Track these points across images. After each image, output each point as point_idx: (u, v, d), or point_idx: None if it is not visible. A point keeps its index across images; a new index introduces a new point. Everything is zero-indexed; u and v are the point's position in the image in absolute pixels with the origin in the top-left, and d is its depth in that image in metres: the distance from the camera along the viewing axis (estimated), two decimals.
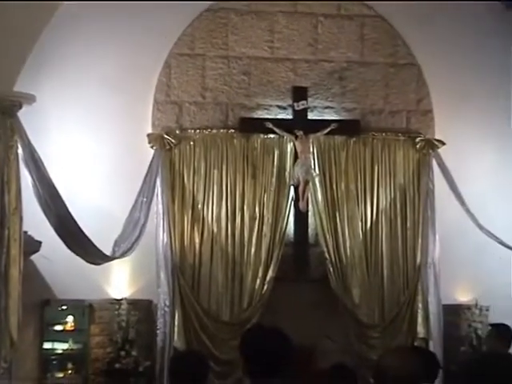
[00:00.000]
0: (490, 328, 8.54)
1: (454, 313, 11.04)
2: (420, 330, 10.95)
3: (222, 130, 11.31)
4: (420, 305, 11.02)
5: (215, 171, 11.17)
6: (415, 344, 10.62)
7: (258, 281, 10.96)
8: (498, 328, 8.21)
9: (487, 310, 10.89)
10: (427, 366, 5.97)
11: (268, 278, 10.94)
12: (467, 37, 11.61)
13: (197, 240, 11.03)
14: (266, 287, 10.92)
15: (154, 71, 11.25)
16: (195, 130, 11.26)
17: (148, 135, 11.07)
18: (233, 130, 11.30)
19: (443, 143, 11.31)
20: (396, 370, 3.94)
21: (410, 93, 11.64)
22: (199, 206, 11.09)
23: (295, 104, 11.37)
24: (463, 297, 11.19)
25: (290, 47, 11.52)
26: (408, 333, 11.01)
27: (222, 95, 11.45)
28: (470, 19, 11.51)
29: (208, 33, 11.44)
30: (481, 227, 10.93)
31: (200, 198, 11.10)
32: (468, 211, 11.03)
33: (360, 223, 11.25)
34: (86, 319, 10.51)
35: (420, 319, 10.98)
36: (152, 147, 11.03)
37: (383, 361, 4.10)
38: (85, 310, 10.50)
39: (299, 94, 11.41)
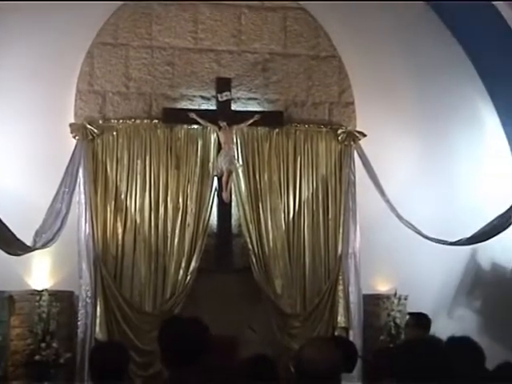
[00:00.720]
0: (408, 317, 8.72)
1: (373, 302, 11.20)
2: (340, 319, 11.09)
3: (145, 121, 11.26)
4: (341, 294, 11.15)
5: (138, 161, 11.12)
6: (336, 333, 10.76)
7: (181, 271, 10.95)
8: (416, 317, 8.39)
9: (406, 299, 11.09)
10: (346, 356, 6.09)
11: (191, 268, 10.94)
12: (388, 29, 11.81)
13: (119, 230, 10.97)
14: (188, 278, 10.92)
15: (77, 61, 11.13)
16: (118, 120, 11.19)
17: (70, 125, 10.95)
18: (156, 121, 11.26)
19: (364, 135, 11.46)
20: (315, 360, 4.03)
21: (332, 85, 11.76)
22: (122, 196, 11.02)
23: (219, 95, 11.39)
24: (383, 287, 11.38)
25: (213, 38, 11.53)
26: (329, 322, 11.13)
27: (145, 85, 11.39)
28: (390, 12, 11.72)
29: (131, 22, 11.37)
30: (400, 218, 11.13)
31: (123, 188, 11.04)
32: (388, 202, 11.21)
33: (283, 214, 11.33)
34: (6, 311, 10.33)
35: (341, 309, 11.12)
36: (74, 137, 10.92)
37: (303, 351, 4.18)
38: (4, 301, 10.33)
39: (223, 84, 11.44)
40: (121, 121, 11.18)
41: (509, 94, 11.67)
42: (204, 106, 11.42)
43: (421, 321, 8.11)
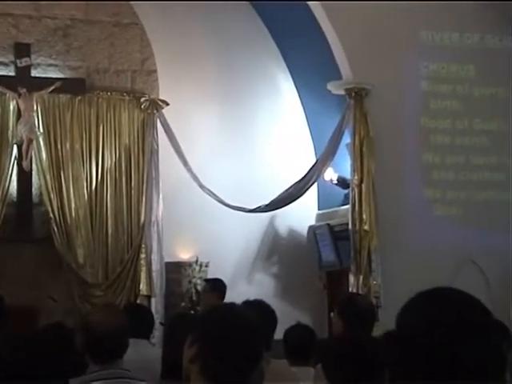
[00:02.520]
0: (205, 283, 8.92)
1: (175, 270, 11.35)
2: (143, 287, 11.15)
3: None
4: (143, 263, 11.21)
5: None
6: (138, 301, 10.80)
7: None
8: (212, 282, 8.59)
9: (207, 266, 11.30)
10: (141, 321, 6.19)
11: None
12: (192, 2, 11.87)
13: None
14: None
15: None
16: None
17: None
18: None
19: (167, 103, 11.51)
20: (101, 324, 4.14)
21: (135, 52, 11.71)
22: None
23: (18, 61, 11.10)
24: (185, 254, 11.54)
25: (11, 2, 11.17)
26: (131, 290, 11.16)
27: None
28: None
29: None
30: (202, 187, 11.29)
31: None
32: (190, 171, 11.34)
33: (85, 183, 11.24)
34: None
35: (143, 277, 11.17)
36: None
37: (89, 317, 4.29)
38: None
39: (22, 50, 11.16)
40: None
41: (305, 66, 12.06)
42: (2, 72, 11.10)
43: (216, 286, 8.31)
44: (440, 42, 11.41)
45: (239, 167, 11.98)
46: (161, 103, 11.53)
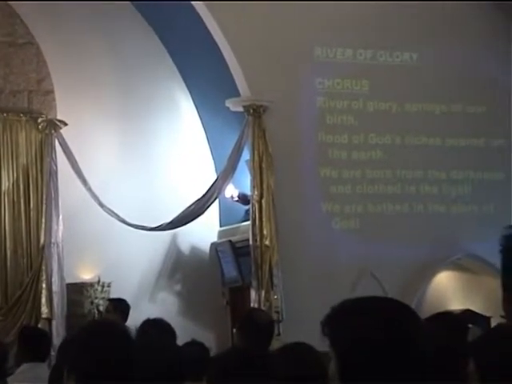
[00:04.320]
0: (108, 303, 8.87)
1: (77, 290, 11.19)
2: (44, 309, 10.95)
3: None
4: (43, 285, 11.02)
5: None
6: (39, 325, 10.61)
7: None
8: (115, 302, 8.56)
9: (109, 286, 11.18)
10: (38, 345, 6.13)
11: None
12: (89, 20, 11.82)
13: None
14: None
15: None
16: None
17: None
18: None
19: (65, 123, 11.39)
20: None
21: (31, 72, 11.56)
22: None
23: None
24: (87, 275, 11.40)
25: None
26: (32, 313, 10.95)
27: None
28: (92, 5, 11.73)
29: None
30: (102, 205, 11.21)
31: None
32: (90, 190, 11.24)
33: None
34: None
35: (43, 299, 10.98)
36: None
37: None
38: None
39: None
40: None
41: (203, 84, 12.14)
42: None
43: (119, 306, 8.28)
44: (334, 58, 11.64)
45: (141, 186, 11.94)
46: (59, 123, 11.40)
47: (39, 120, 11.39)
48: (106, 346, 2.78)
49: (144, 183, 12.01)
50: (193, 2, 11.14)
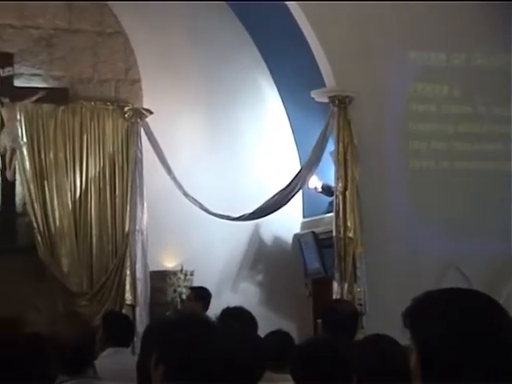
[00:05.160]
0: (190, 291, 8.91)
1: (160, 278, 11.29)
2: (128, 296, 11.09)
3: None
4: (128, 272, 11.16)
5: None
6: (123, 311, 10.75)
7: None
8: (197, 291, 8.60)
9: (192, 274, 11.26)
10: (121, 330, 6.19)
11: None
12: (175, 9, 11.86)
13: None
14: None
15: None
16: None
17: None
18: None
19: (151, 112, 11.49)
20: (64, 334, 4.13)
21: (119, 62, 11.70)
22: None
23: (0, 70, 11.06)
24: (170, 263, 11.50)
25: None
26: (116, 299, 11.11)
27: None
28: None
29: None
30: (186, 194, 11.28)
31: None
32: (174, 179, 11.33)
33: (69, 192, 11.19)
34: None
35: (128, 286, 11.12)
36: None
37: (53, 327, 4.29)
38: None
39: (5, 60, 11.12)
40: None
41: (288, 75, 12.08)
42: None
43: (201, 295, 8.31)
44: (427, 60, 11.38)
45: (224, 176, 11.98)
46: (145, 112, 11.51)
47: (126, 109, 11.51)
48: (194, 338, 2.77)
49: (227, 173, 12.04)
50: None
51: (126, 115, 11.49)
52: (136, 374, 5.12)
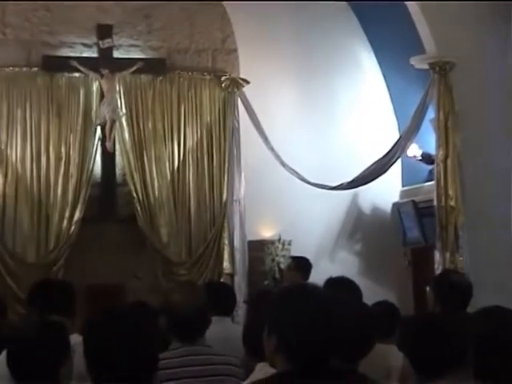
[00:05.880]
0: (290, 260, 8.88)
1: (258, 248, 11.31)
2: (226, 265, 11.17)
3: (24, 69, 11.00)
4: (226, 241, 11.22)
5: (18, 111, 10.89)
6: (221, 280, 10.84)
7: (65, 222, 10.82)
8: (297, 260, 8.55)
9: (289, 244, 11.24)
10: (224, 299, 6.20)
11: (75, 218, 10.82)
12: None
13: (0, 181, 10.75)
14: (72, 228, 10.80)
15: None
16: None
17: None
18: (36, 68, 11.01)
19: (248, 82, 11.47)
20: (181, 303, 4.13)
21: (215, 32, 11.69)
22: (2, 146, 10.81)
23: (100, 42, 11.20)
24: (267, 232, 11.51)
25: None
26: (214, 269, 11.20)
27: (23, 32, 11.09)
28: None
29: None
30: (283, 164, 11.24)
31: (3, 138, 10.81)
32: (272, 149, 11.30)
33: (167, 162, 11.29)
34: None
35: (226, 255, 11.19)
36: None
37: (170, 297, 4.31)
38: None
39: (104, 31, 11.24)
40: None
41: (387, 41, 11.86)
42: (85, 54, 11.21)
43: (301, 265, 8.27)
44: None
45: (320, 144, 11.89)
46: (241, 82, 11.50)
47: (222, 78, 11.51)
48: (311, 310, 2.73)
49: (324, 141, 11.96)
50: None
51: (223, 85, 11.49)
52: (238, 343, 5.14)
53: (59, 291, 4.98)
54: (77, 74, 11.05)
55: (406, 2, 10.84)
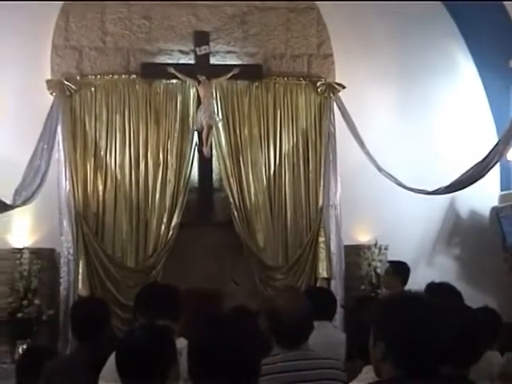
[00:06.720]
0: (388, 265, 8.81)
1: (354, 253, 11.26)
2: (322, 270, 11.16)
3: (123, 76, 11.22)
4: (322, 246, 11.20)
5: (117, 117, 11.09)
6: (318, 284, 10.84)
7: (163, 227, 10.97)
8: (395, 265, 8.49)
9: (386, 248, 11.15)
10: (324, 304, 6.19)
11: (173, 223, 10.96)
12: None
13: (100, 187, 10.97)
14: (171, 233, 10.95)
15: (51, 15, 11.02)
16: (96, 76, 11.13)
17: (47, 81, 10.89)
18: (135, 76, 11.21)
19: (343, 87, 11.44)
20: (287, 309, 4.14)
21: (311, 37, 11.69)
22: (102, 152, 11.01)
23: (197, 49, 11.34)
24: (364, 237, 11.45)
25: None
26: (311, 273, 11.19)
27: (122, 40, 11.31)
28: None
29: None
30: (380, 169, 11.17)
31: (102, 144, 11.02)
32: (368, 154, 11.23)
33: (263, 167, 11.34)
34: None
35: (322, 260, 11.17)
36: (52, 93, 10.87)
37: (275, 302, 4.31)
38: None
39: (201, 38, 11.38)
40: (98, 76, 11.13)
41: (485, 43, 11.67)
42: (182, 60, 11.36)
43: (400, 269, 8.21)
44: None
45: (417, 148, 11.77)
46: (337, 86, 11.47)
47: (318, 83, 11.51)
48: (420, 317, 2.73)
49: (421, 145, 11.83)
50: None
51: (319, 90, 11.49)
52: (339, 347, 5.12)
53: (167, 295, 5.03)
54: (174, 81, 11.20)
55: (504, 2, 10.65)
